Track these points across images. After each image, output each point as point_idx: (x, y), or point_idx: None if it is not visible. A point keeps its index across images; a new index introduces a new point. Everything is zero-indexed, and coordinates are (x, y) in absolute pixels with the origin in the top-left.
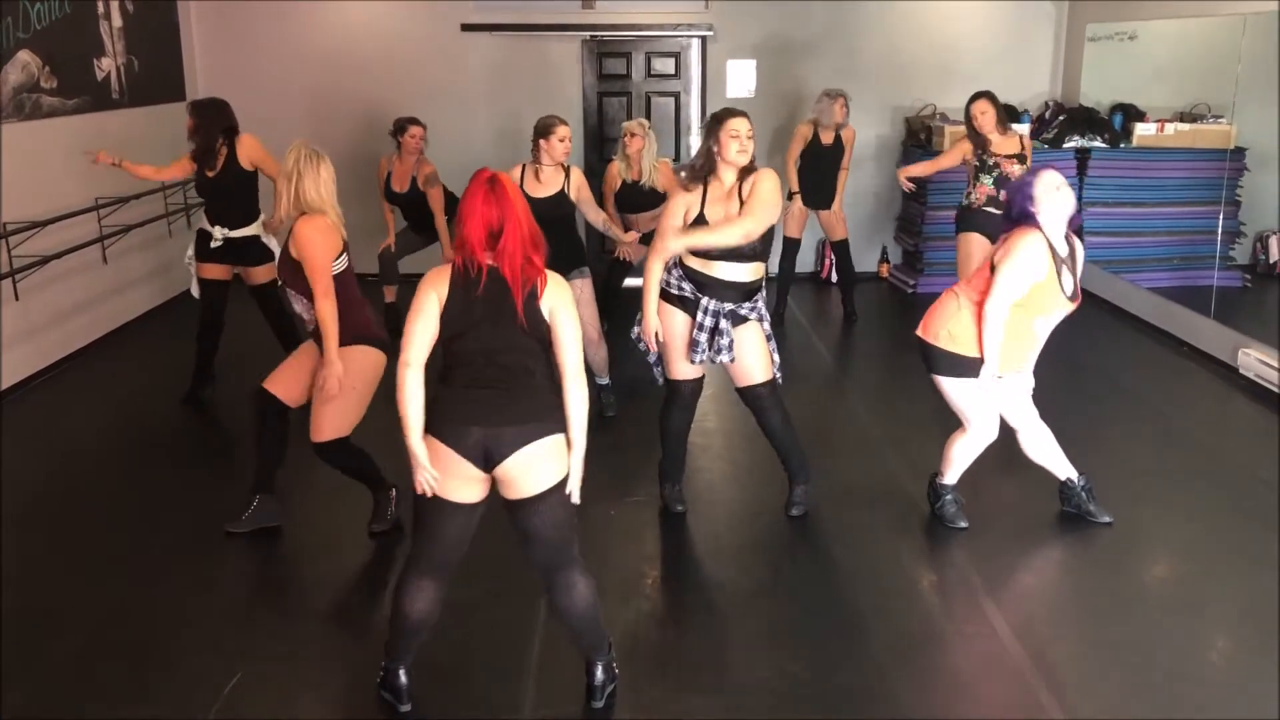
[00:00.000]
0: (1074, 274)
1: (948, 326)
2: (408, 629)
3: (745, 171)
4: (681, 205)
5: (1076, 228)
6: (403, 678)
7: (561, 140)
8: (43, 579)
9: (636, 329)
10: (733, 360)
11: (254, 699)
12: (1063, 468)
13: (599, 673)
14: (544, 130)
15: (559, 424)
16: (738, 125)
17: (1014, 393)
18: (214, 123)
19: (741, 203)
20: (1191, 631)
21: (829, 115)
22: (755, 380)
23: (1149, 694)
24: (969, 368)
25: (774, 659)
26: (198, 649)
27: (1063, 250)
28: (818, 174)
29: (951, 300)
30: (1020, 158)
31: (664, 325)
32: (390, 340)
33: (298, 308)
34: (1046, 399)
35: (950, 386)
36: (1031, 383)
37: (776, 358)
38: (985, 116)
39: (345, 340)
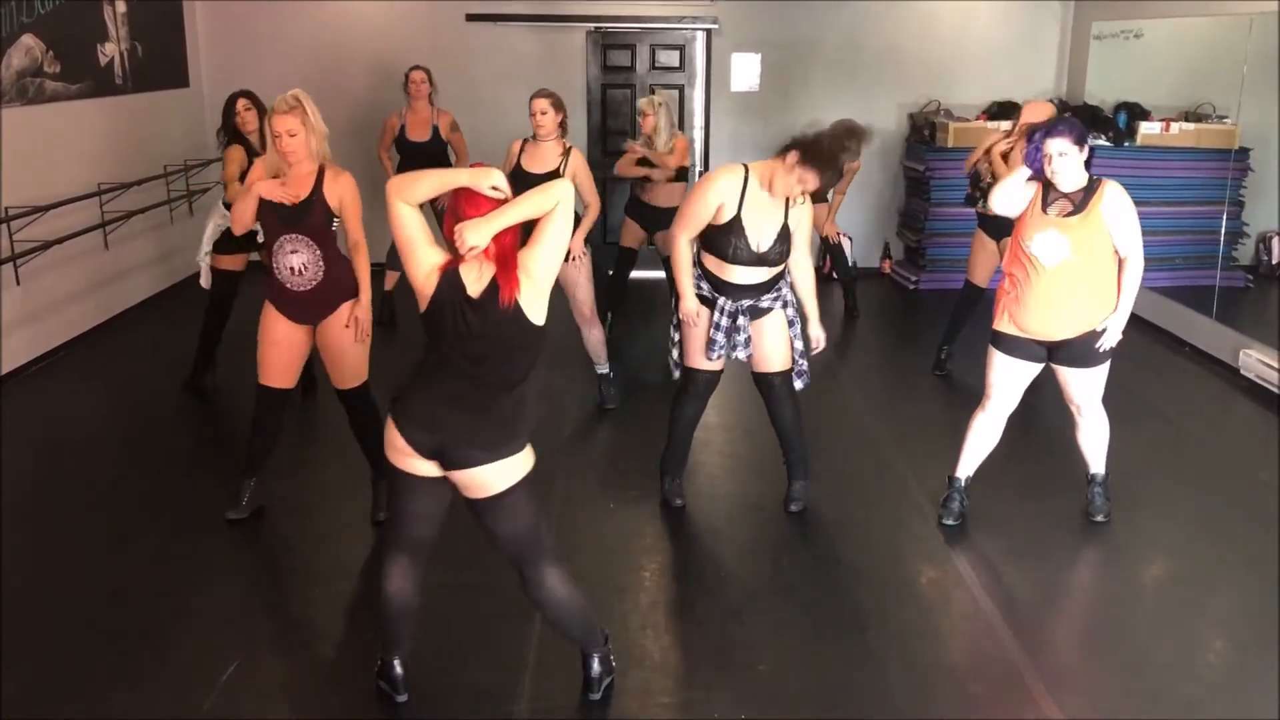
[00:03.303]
0: (1073, 204)
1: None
2: (391, 613)
3: None
4: (716, 198)
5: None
6: (398, 668)
7: (538, 113)
8: (41, 565)
9: (676, 318)
10: (749, 357)
11: (250, 687)
12: (1096, 462)
13: (595, 665)
14: (530, 103)
15: (523, 441)
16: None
17: (1073, 382)
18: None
19: (786, 215)
20: (1190, 631)
21: None
22: (771, 368)
23: (1148, 694)
24: (993, 339)
25: (772, 654)
26: (194, 637)
27: (1069, 186)
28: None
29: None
30: None
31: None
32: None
33: (305, 258)
34: (1046, 399)
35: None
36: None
37: (799, 345)
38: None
39: (352, 292)
